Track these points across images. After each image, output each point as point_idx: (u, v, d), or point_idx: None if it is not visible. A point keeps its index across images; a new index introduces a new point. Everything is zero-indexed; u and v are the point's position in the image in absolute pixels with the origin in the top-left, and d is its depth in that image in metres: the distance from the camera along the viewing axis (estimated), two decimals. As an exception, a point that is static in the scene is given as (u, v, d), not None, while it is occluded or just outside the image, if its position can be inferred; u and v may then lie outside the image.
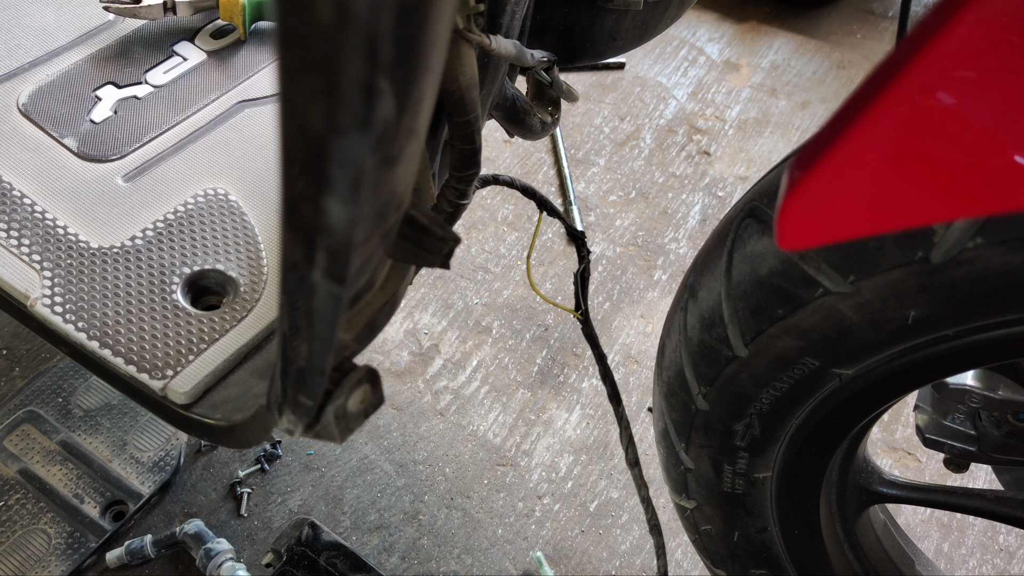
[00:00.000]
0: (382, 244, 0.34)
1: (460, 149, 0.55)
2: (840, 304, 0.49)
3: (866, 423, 0.61)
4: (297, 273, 0.28)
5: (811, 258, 0.49)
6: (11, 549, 1.06)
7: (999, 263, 0.43)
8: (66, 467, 1.13)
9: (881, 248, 0.46)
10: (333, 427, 0.36)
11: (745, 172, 1.76)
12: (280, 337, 0.33)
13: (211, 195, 0.72)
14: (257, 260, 0.68)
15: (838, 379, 0.53)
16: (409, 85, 0.24)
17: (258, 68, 0.82)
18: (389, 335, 1.40)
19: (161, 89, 0.78)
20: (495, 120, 0.77)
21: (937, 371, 0.51)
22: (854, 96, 0.31)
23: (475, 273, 1.51)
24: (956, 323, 0.46)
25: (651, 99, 1.91)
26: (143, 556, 1.08)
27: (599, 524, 1.19)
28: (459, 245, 0.43)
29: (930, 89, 0.29)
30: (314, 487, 1.20)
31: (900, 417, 1.35)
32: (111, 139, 0.74)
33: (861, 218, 0.32)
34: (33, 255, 0.66)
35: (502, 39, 0.56)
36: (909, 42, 0.29)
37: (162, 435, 1.18)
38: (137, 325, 0.63)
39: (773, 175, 0.57)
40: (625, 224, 1.63)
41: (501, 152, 1.75)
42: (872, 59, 2.06)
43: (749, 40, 2.10)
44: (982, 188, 0.30)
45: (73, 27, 0.81)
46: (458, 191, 0.57)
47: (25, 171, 0.70)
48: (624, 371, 1.36)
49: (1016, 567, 1.20)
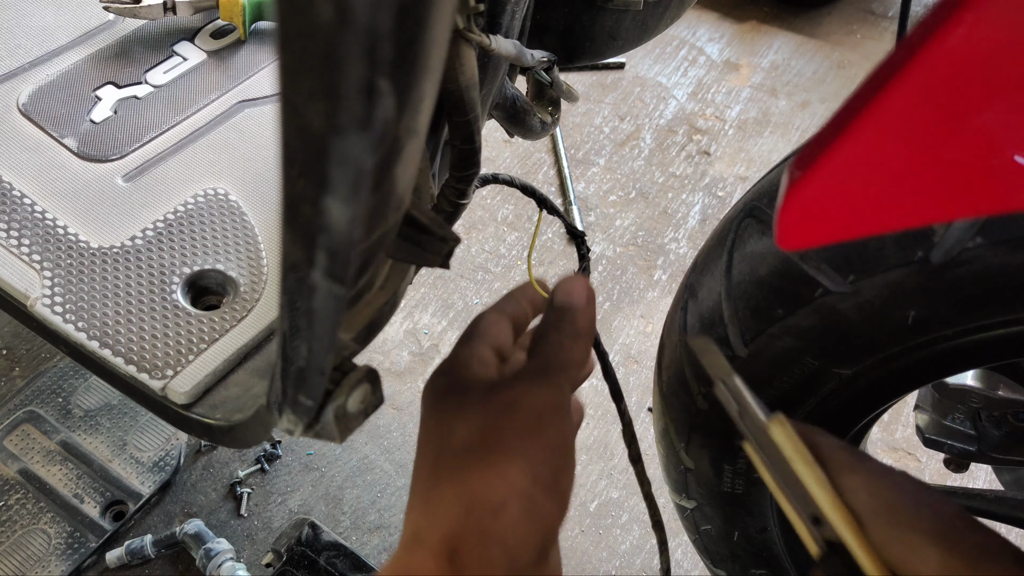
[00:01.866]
0: (382, 244, 0.34)
1: (460, 149, 0.54)
2: (840, 304, 0.49)
3: (866, 423, 0.61)
4: (297, 273, 0.28)
5: (811, 258, 0.49)
6: (11, 549, 1.06)
7: (999, 263, 0.43)
8: (66, 467, 1.13)
9: (881, 248, 0.46)
10: (333, 427, 0.36)
11: (745, 172, 1.76)
12: (280, 337, 0.33)
13: (211, 195, 0.72)
14: (257, 260, 0.68)
15: (838, 379, 0.53)
16: (409, 85, 0.24)
17: (258, 68, 0.82)
18: (389, 335, 1.40)
19: (161, 89, 0.78)
20: (495, 120, 0.77)
21: (937, 371, 0.51)
22: (854, 96, 0.31)
23: (475, 273, 1.51)
24: (956, 323, 0.46)
25: (651, 99, 1.91)
26: (143, 556, 1.08)
27: (599, 524, 1.19)
28: (459, 245, 0.43)
29: (930, 89, 0.29)
30: (314, 487, 1.20)
31: (900, 417, 1.35)
32: (111, 139, 0.74)
33: (861, 218, 0.32)
34: (33, 255, 0.65)
35: (502, 39, 0.56)
36: (909, 42, 0.29)
37: (162, 435, 1.18)
38: (137, 325, 0.63)
39: (773, 175, 0.57)
40: (625, 224, 1.63)
41: (501, 152, 1.75)
42: (872, 59, 2.06)
43: (749, 40, 2.10)
44: (982, 188, 0.30)
45: (73, 27, 0.81)
46: (458, 191, 0.57)
47: (25, 171, 0.70)
48: (624, 371, 1.36)
49: (1016, 567, 1.20)
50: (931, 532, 0.28)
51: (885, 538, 0.28)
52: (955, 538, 0.27)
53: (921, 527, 0.28)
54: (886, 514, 0.28)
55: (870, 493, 0.29)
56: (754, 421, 0.32)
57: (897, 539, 0.28)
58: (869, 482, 0.29)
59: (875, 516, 0.29)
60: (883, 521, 0.28)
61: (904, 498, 0.28)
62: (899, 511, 0.28)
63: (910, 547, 0.28)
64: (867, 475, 0.29)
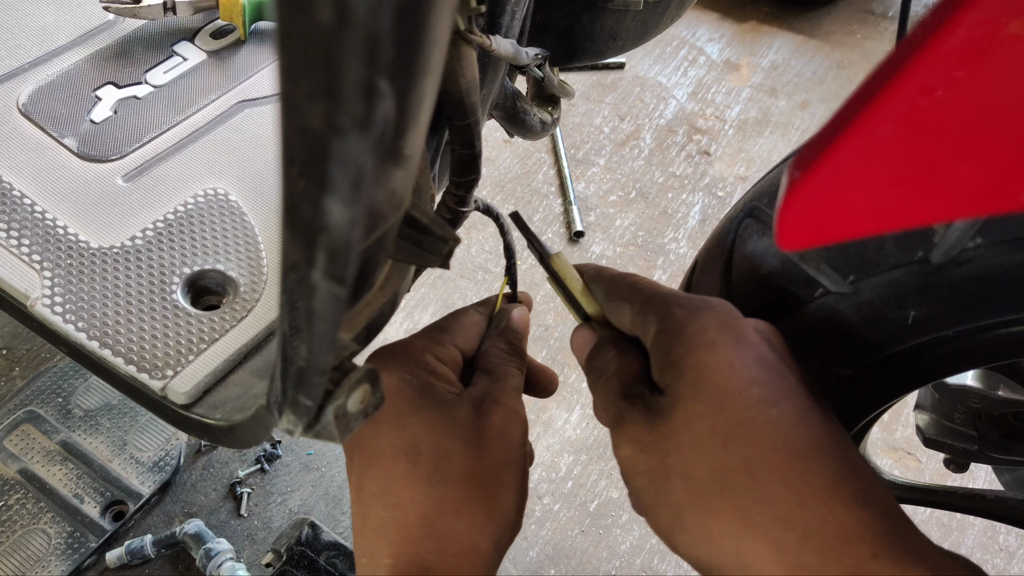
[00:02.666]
0: (382, 244, 0.34)
1: (460, 154, 0.54)
2: (840, 304, 0.49)
3: (866, 423, 0.61)
4: (297, 273, 0.28)
5: (811, 258, 0.49)
6: (11, 549, 1.06)
7: (999, 263, 0.43)
8: (66, 467, 1.13)
9: (881, 248, 0.46)
10: (333, 427, 0.36)
11: (745, 172, 1.76)
12: (280, 337, 0.33)
13: (211, 195, 0.72)
14: (257, 260, 0.68)
15: (838, 379, 0.53)
16: (409, 85, 0.24)
17: (258, 68, 0.82)
18: (389, 335, 1.40)
19: (161, 89, 0.78)
20: (495, 120, 0.77)
21: (937, 371, 0.51)
22: (854, 96, 0.31)
23: (475, 273, 1.51)
24: (956, 323, 0.46)
25: (651, 99, 1.91)
26: (143, 556, 1.08)
27: (599, 524, 1.19)
28: (459, 245, 0.43)
29: (930, 89, 0.29)
30: (314, 487, 1.20)
31: (900, 417, 1.35)
32: (111, 139, 0.74)
33: (861, 218, 0.32)
34: (33, 255, 0.65)
35: (501, 39, 0.56)
36: (909, 42, 0.29)
37: (162, 435, 1.18)
38: (137, 325, 0.63)
39: (773, 175, 0.57)
40: (625, 224, 1.63)
41: (501, 152, 1.75)
42: (872, 59, 2.06)
43: (749, 40, 2.10)
44: (982, 188, 0.30)
45: (73, 27, 0.81)
46: (457, 197, 0.57)
47: (25, 171, 0.70)
48: (624, 371, 1.36)
49: (1016, 567, 1.20)
50: (629, 299, 0.46)
51: (613, 311, 0.47)
52: (644, 303, 0.45)
53: (623, 296, 0.46)
54: (614, 298, 0.47)
55: (606, 295, 0.48)
56: (544, 256, 0.51)
57: (618, 309, 0.47)
58: (608, 282, 0.48)
59: (608, 300, 0.48)
60: (609, 300, 0.48)
61: (627, 290, 0.46)
62: (617, 293, 0.47)
63: (620, 312, 0.46)
64: (607, 281, 0.49)
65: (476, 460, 0.46)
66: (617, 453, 0.43)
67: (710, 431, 0.39)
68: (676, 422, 0.40)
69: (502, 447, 0.47)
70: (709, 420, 0.39)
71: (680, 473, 0.39)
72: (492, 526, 0.45)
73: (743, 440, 0.38)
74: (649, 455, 0.40)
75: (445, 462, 0.45)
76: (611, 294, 0.47)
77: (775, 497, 0.37)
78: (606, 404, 0.44)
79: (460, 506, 0.44)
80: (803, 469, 0.37)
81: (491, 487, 0.45)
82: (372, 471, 0.46)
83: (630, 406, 0.42)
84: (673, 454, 0.39)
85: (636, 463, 0.41)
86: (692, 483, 0.39)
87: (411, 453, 0.45)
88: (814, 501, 0.37)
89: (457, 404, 0.47)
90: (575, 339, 0.49)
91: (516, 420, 0.48)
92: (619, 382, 0.44)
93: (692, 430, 0.39)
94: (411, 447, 0.45)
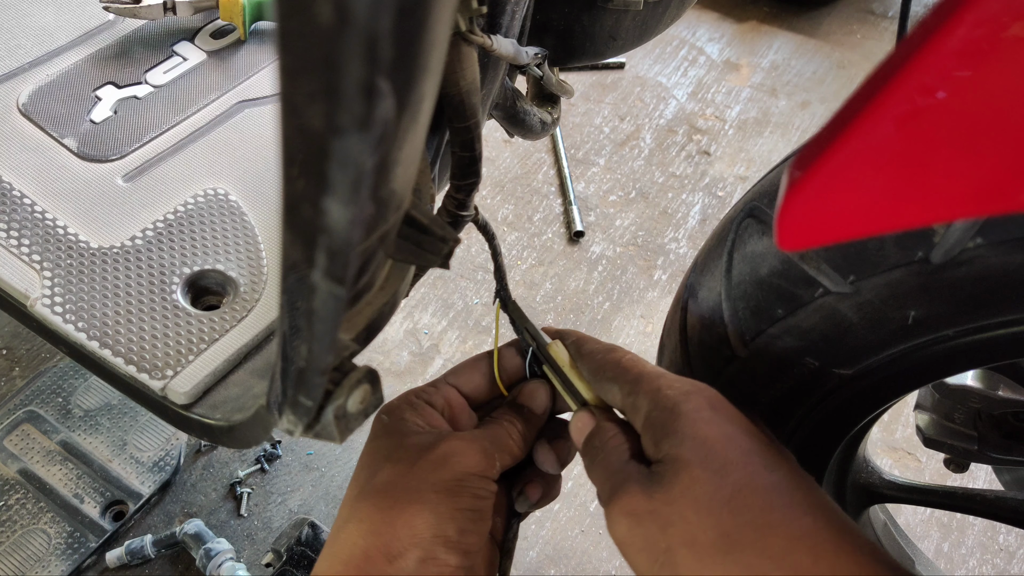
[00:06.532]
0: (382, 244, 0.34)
1: (459, 156, 0.54)
2: (840, 304, 0.49)
3: (866, 423, 0.61)
4: (297, 273, 0.28)
5: (811, 258, 0.49)
6: (11, 549, 1.06)
7: (999, 263, 0.43)
8: (66, 467, 1.13)
9: (881, 248, 0.46)
10: (333, 427, 0.36)
11: (745, 172, 1.76)
12: (280, 337, 0.33)
13: (211, 195, 0.72)
14: (257, 260, 0.68)
15: (838, 379, 0.53)
16: (409, 85, 0.24)
17: (258, 68, 0.82)
18: (389, 335, 1.40)
19: (161, 89, 0.78)
20: (495, 120, 0.77)
21: (937, 371, 0.51)
22: (854, 96, 0.31)
23: (475, 273, 1.51)
24: (956, 323, 0.46)
25: (651, 99, 1.91)
26: (143, 556, 1.08)
27: (599, 524, 1.19)
28: (459, 245, 0.43)
29: (930, 89, 0.29)
30: (314, 487, 1.20)
31: (900, 417, 1.35)
32: (111, 139, 0.74)
33: (861, 218, 0.32)
34: (33, 255, 0.65)
35: (502, 39, 0.56)
36: (909, 42, 0.29)
37: (162, 435, 1.18)
38: (137, 325, 0.63)
39: (773, 175, 0.57)
40: (625, 224, 1.63)
41: (501, 152, 1.75)
42: (872, 59, 2.06)
43: (749, 40, 2.10)
44: (982, 188, 0.30)
45: (73, 27, 0.81)
46: (457, 201, 0.57)
47: (25, 171, 0.70)
48: (624, 371, 1.36)
49: (1016, 567, 1.20)
50: (617, 380, 0.48)
51: (602, 390, 0.49)
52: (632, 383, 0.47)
53: (609, 376, 0.48)
54: (601, 378, 0.49)
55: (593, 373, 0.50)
56: (541, 346, 0.53)
57: (607, 389, 0.49)
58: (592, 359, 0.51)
59: (595, 379, 0.50)
60: (596, 380, 0.50)
61: (612, 369, 0.48)
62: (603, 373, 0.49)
63: (609, 391, 0.48)
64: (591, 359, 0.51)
65: (399, 476, 0.47)
66: (613, 534, 0.44)
67: (714, 495, 0.40)
68: (679, 488, 0.41)
69: (435, 470, 0.47)
70: (713, 485, 0.40)
71: (684, 542, 0.40)
72: (390, 537, 0.45)
73: (748, 503, 0.40)
74: (647, 527, 0.41)
75: (372, 477, 0.48)
76: (597, 373, 0.50)
77: (785, 551, 0.38)
78: (603, 478, 0.46)
79: (365, 516, 0.46)
80: (810, 525, 0.39)
81: (403, 503, 0.46)
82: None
83: (627, 477, 0.44)
84: (676, 523, 0.40)
85: (634, 540, 0.42)
86: (697, 549, 0.40)
87: (355, 475, 0.50)
88: (824, 553, 0.38)
89: (412, 434, 0.49)
90: (574, 424, 0.51)
91: (470, 452, 0.48)
92: (616, 456, 0.46)
93: (696, 495, 0.40)
94: (356, 470, 0.50)
